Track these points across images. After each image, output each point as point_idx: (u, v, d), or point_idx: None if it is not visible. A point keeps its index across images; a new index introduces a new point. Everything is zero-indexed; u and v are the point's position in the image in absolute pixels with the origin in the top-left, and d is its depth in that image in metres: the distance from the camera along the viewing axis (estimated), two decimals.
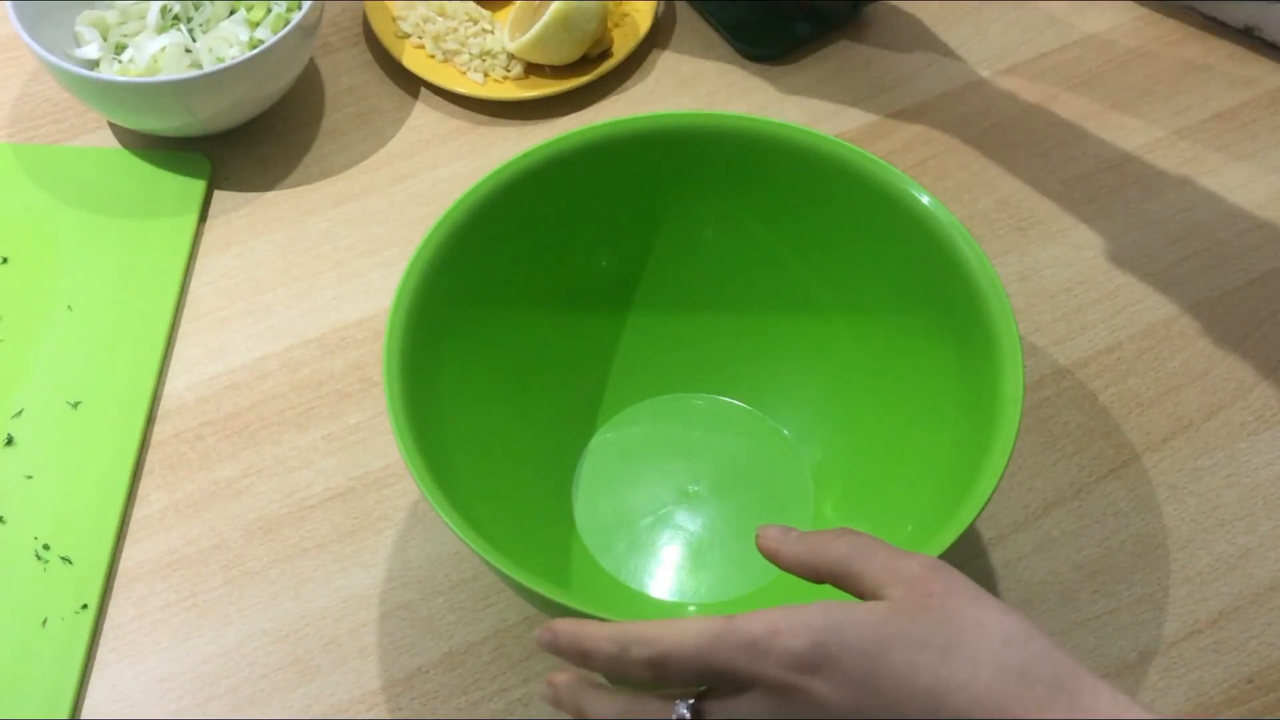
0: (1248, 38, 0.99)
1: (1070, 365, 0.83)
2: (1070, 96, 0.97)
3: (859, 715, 0.44)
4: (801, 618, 0.44)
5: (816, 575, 0.49)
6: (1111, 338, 0.84)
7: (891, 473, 0.73)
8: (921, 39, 1.01)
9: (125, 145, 0.95)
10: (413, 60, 0.98)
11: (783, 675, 0.44)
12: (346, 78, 1.00)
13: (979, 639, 0.44)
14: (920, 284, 0.72)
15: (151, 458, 0.80)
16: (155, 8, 0.93)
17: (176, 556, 0.76)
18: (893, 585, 0.46)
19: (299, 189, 0.93)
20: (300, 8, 0.90)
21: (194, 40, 0.92)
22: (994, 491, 0.61)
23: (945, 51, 1.00)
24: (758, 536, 0.52)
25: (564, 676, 0.50)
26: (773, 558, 0.51)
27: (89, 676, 0.72)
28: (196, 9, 0.94)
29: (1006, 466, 0.61)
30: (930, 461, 0.70)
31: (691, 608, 0.73)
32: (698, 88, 0.99)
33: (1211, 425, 0.80)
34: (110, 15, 0.94)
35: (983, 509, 0.60)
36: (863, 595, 0.47)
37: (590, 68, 0.97)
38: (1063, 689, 0.43)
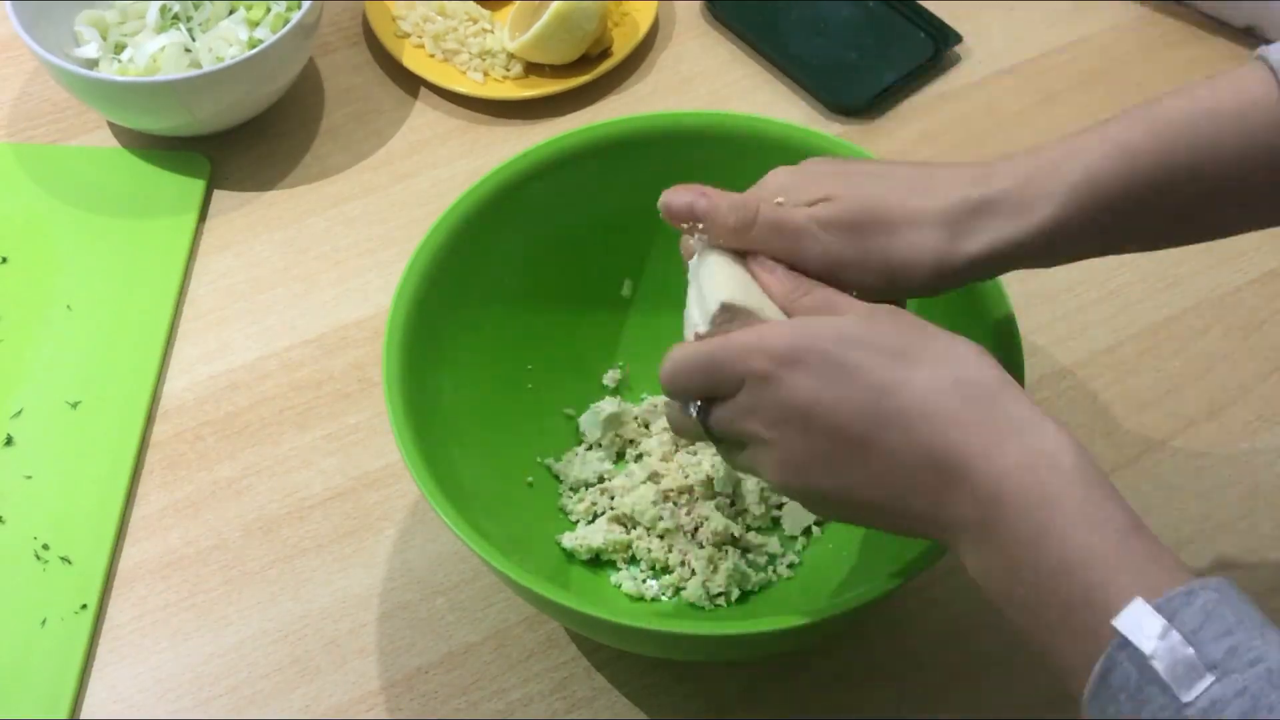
0: (1248, 37, 0.99)
1: (1070, 365, 0.83)
2: (1070, 96, 0.97)
3: (818, 403, 0.51)
4: (784, 325, 0.53)
5: (791, 310, 0.56)
6: (1111, 338, 0.84)
7: None
8: None
9: (125, 145, 0.95)
10: (413, 60, 0.98)
11: (766, 366, 0.52)
12: (346, 77, 0.99)
13: (926, 348, 0.51)
14: None
15: (151, 458, 0.80)
16: (155, 7, 0.93)
17: (176, 556, 0.76)
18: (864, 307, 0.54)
19: (298, 189, 0.93)
20: (300, 7, 0.90)
21: (193, 40, 0.92)
22: None
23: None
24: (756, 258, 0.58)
25: None
26: (761, 281, 0.57)
27: (88, 676, 0.72)
28: (196, 8, 0.93)
29: None
30: None
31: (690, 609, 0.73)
32: (698, 88, 0.99)
33: (1212, 425, 0.80)
34: (110, 15, 0.94)
35: None
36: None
37: (590, 67, 0.97)
38: (989, 393, 0.50)
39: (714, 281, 0.57)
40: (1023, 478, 0.48)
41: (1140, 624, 0.44)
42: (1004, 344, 0.66)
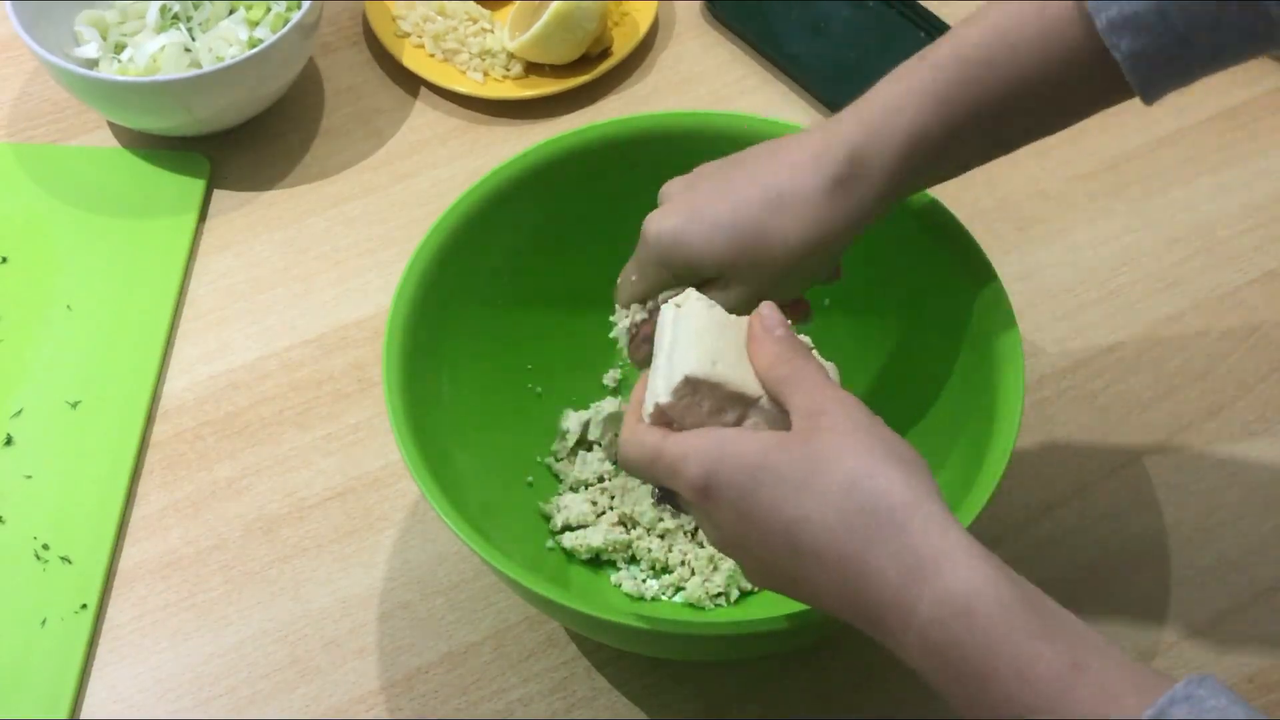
0: None
1: (1070, 365, 0.83)
2: None
3: (743, 537, 0.52)
4: (702, 446, 0.52)
5: (763, 379, 0.54)
6: (1111, 338, 0.84)
7: None
8: None
9: (125, 145, 0.95)
10: (413, 60, 0.98)
11: (690, 495, 0.53)
12: (346, 77, 0.99)
13: (831, 475, 0.49)
14: (921, 284, 0.72)
15: (151, 458, 0.80)
16: (155, 7, 0.93)
17: (176, 556, 0.76)
18: (795, 416, 0.52)
19: (298, 189, 0.93)
20: (300, 7, 0.90)
21: (193, 40, 0.92)
22: (994, 491, 0.61)
23: None
24: (761, 309, 0.56)
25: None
26: (751, 341, 0.56)
27: (88, 676, 0.72)
28: (196, 8, 0.93)
29: (1007, 466, 0.61)
30: (930, 461, 0.70)
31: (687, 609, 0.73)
32: (698, 88, 0.99)
33: (1211, 425, 0.80)
34: (110, 15, 0.94)
35: (983, 509, 0.60)
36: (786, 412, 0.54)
37: (590, 67, 0.97)
38: (893, 521, 0.48)
39: (685, 346, 0.55)
40: (941, 634, 0.46)
41: None
42: (1003, 344, 0.66)
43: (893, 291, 0.73)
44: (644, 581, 0.72)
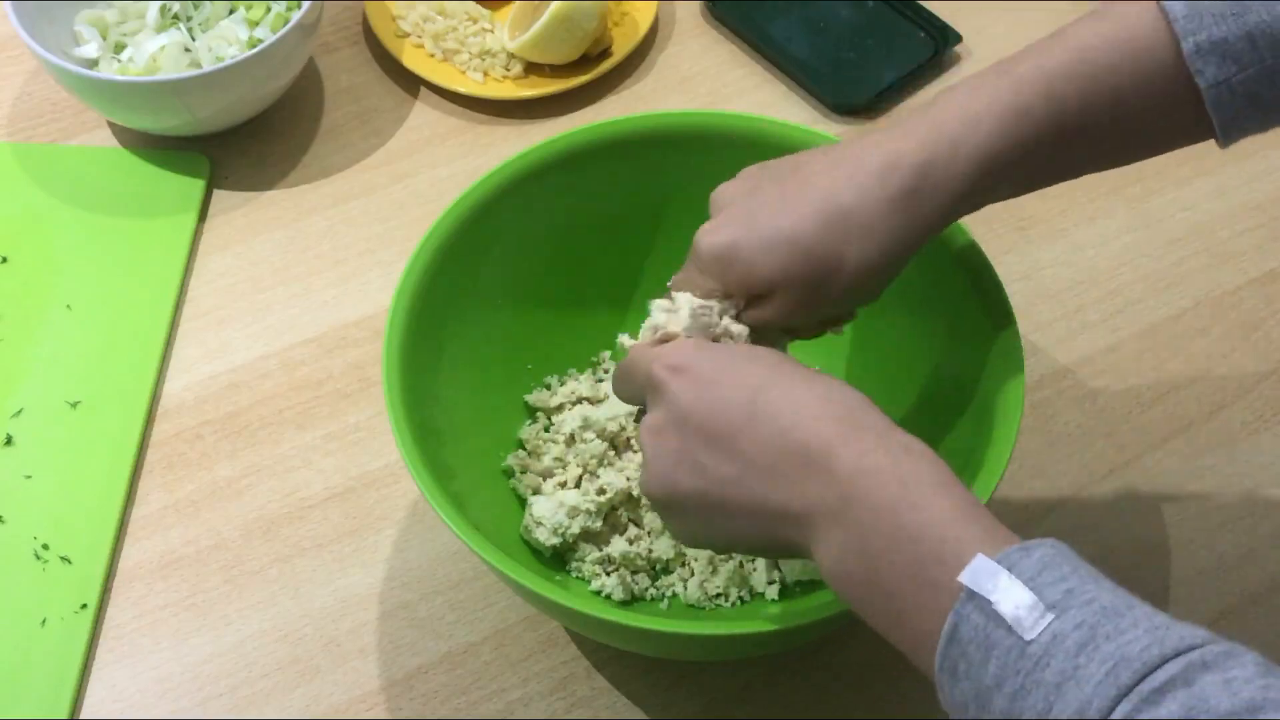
0: None
1: (1070, 365, 0.83)
2: None
3: (696, 403, 0.55)
4: (686, 341, 0.58)
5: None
6: (1111, 338, 0.84)
7: None
8: None
9: (125, 145, 0.95)
10: (412, 59, 0.98)
11: (660, 374, 0.56)
12: (346, 77, 0.99)
13: (794, 373, 0.55)
14: (921, 284, 0.72)
15: (150, 457, 0.80)
16: (154, 7, 0.93)
17: (176, 556, 0.76)
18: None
19: (298, 188, 0.93)
20: (300, 7, 0.90)
21: (193, 39, 0.92)
22: (994, 491, 0.61)
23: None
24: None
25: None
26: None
27: (88, 676, 0.72)
28: (196, 8, 0.93)
29: (1006, 466, 0.61)
30: None
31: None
32: (698, 88, 0.99)
33: (1211, 425, 0.80)
34: (110, 14, 0.94)
35: None
36: None
37: (590, 67, 0.97)
38: (855, 406, 0.53)
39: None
40: (880, 459, 0.50)
41: (983, 575, 0.46)
42: (1004, 343, 0.66)
43: (893, 291, 0.73)
44: (645, 584, 0.72)
